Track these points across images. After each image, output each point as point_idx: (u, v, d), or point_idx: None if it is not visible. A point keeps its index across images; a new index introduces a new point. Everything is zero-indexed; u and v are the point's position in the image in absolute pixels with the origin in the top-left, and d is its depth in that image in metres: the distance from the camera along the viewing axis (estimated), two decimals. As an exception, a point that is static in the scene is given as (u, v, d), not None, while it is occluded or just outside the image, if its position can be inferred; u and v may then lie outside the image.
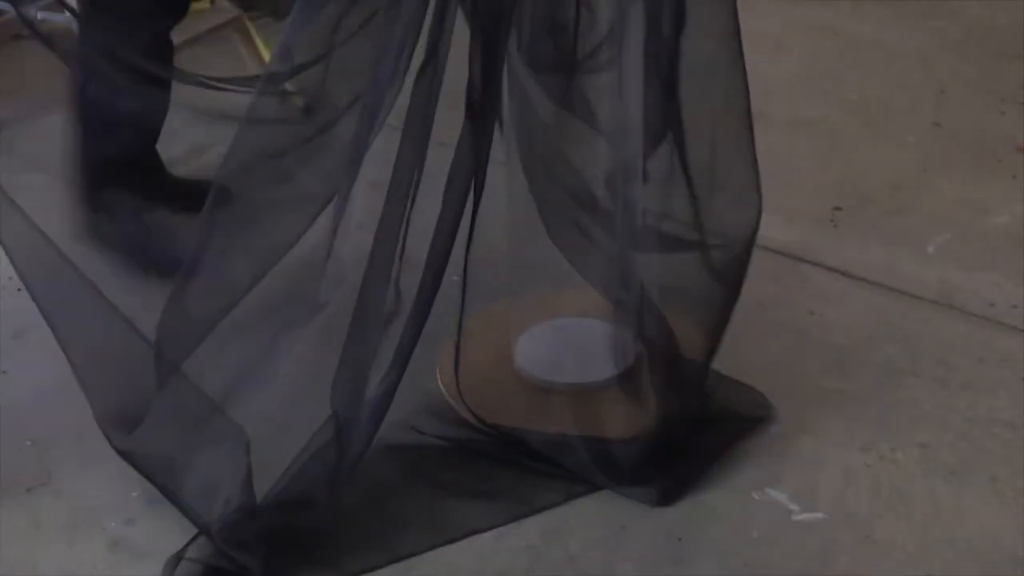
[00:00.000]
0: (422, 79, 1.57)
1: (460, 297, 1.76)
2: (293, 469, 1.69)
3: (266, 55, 2.95)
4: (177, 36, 2.75)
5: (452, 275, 1.68)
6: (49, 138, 2.83)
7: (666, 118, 1.73)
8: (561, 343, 1.97)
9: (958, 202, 2.50)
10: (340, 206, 1.62)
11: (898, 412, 1.92)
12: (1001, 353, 2.05)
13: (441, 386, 1.91)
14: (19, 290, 2.22)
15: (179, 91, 2.17)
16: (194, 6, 3.33)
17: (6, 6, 2.90)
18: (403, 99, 1.59)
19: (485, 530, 1.73)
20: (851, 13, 3.33)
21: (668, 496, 1.76)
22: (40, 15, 2.75)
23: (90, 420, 1.68)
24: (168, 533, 1.69)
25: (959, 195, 2.52)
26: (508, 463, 1.82)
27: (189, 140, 2.73)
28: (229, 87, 1.79)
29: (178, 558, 1.65)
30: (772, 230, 2.23)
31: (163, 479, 1.67)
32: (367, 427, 1.69)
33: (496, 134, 1.69)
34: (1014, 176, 2.58)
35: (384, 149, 1.62)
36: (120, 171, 2.20)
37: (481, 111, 1.61)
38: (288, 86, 1.69)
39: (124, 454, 1.68)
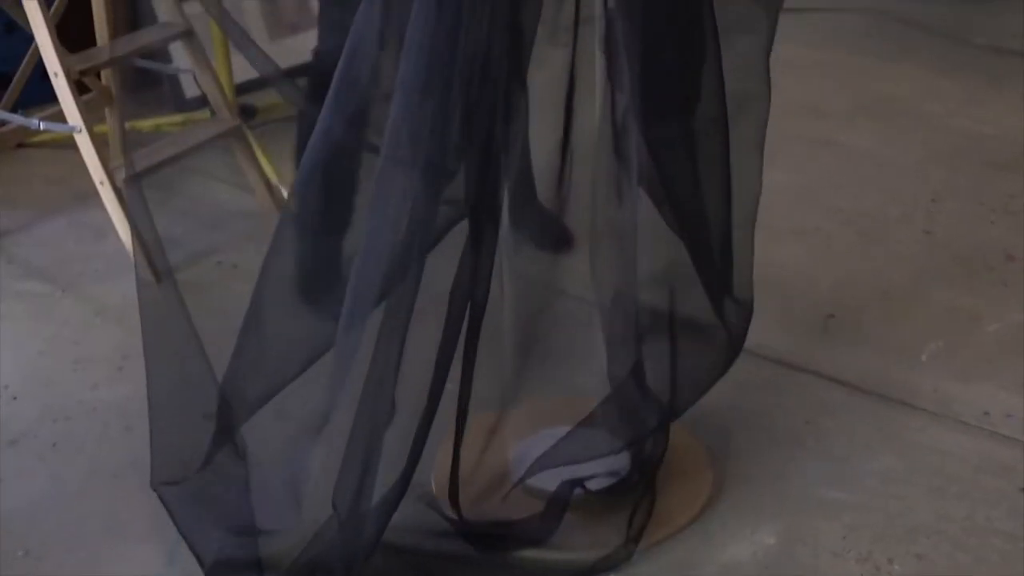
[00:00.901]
0: None
1: (457, 406, 1.77)
2: (297, 566, 1.70)
3: (265, 165, 2.99)
4: (174, 146, 2.81)
5: (449, 382, 1.69)
6: (49, 246, 2.87)
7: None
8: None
9: (950, 310, 2.51)
10: None
11: (895, 522, 1.91)
12: (997, 463, 2.05)
13: (435, 488, 1.91)
14: (15, 399, 2.25)
15: (182, 199, 2.19)
16: (192, 116, 3.40)
17: (8, 116, 2.96)
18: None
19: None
20: (845, 126, 3.39)
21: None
22: (42, 125, 2.80)
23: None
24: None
25: (951, 303, 2.54)
26: (502, 567, 1.82)
27: (188, 248, 2.77)
28: None
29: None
30: (767, 336, 2.26)
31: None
32: (370, 529, 1.70)
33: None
34: (1005, 284, 2.60)
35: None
36: None
37: (479, 232, 1.65)
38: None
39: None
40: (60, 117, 2.70)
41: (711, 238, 1.84)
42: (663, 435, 1.90)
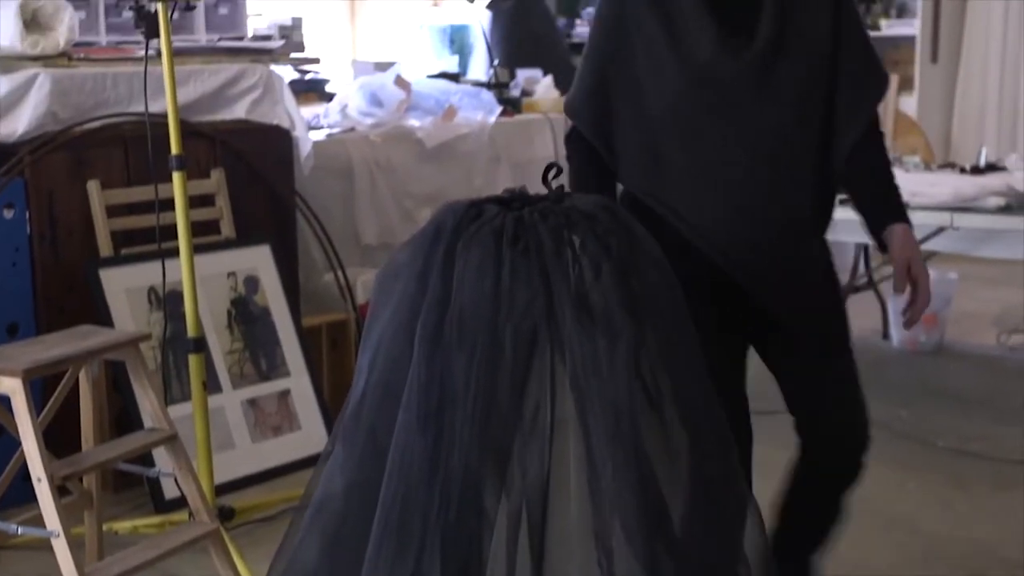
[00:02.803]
0: None
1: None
2: None
3: (242, 568, 2.99)
4: (151, 550, 2.82)
5: None
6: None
7: None
8: None
9: None
10: None
11: None
12: None
13: None
14: None
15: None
16: (171, 517, 3.43)
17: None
18: None
19: None
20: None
21: None
22: (20, 530, 2.82)
23: None
24: None
25: None
26: None
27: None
28: None
29: None
30: None
31: None
32: None
33: None
34: None
35: None
36: None
37: None
38: None
39: None
40: (39, 519, 2.73)
41: None
42: None
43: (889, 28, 7.26)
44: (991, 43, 7.15)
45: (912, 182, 4.49)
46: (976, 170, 4.69)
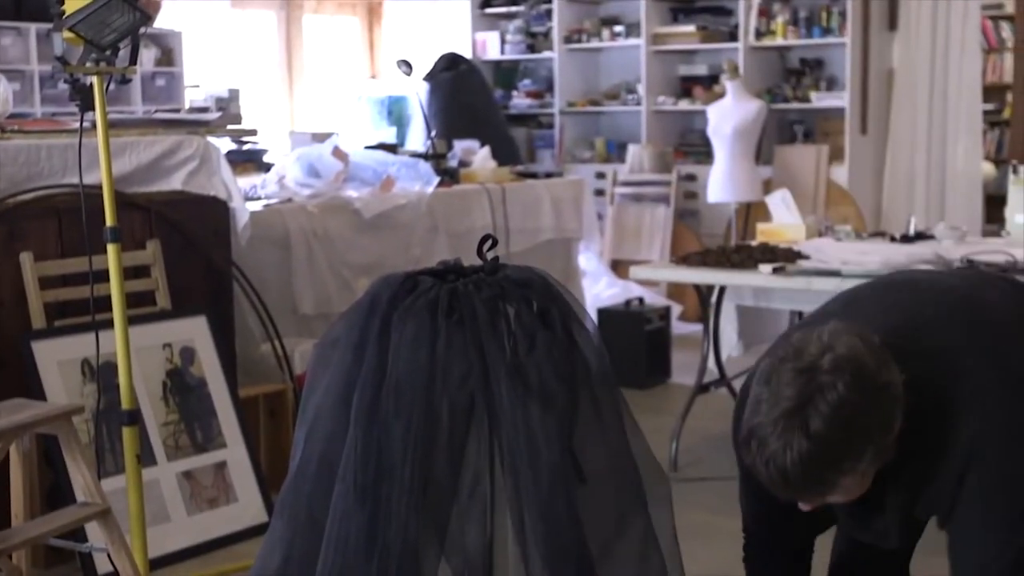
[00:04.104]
0: None
1: None
2: None
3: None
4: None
5: None
6: None
7: None
8: None
9: None
10: None
11: None
12: None
13: None
14: None
15: None
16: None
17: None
18: None
19: None
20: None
21: None
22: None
23: None
24: None
25: None
26: None
27: None
28: None
29: None
30: None
31: None
32: None
33: None
34: None
35: None
36: None
37: None
38: None
39: None
40: None
41: None
42: None
43: (819, 100, 7.42)
44: (918, 115, 7.33)
45: (844, 251, 4.59)
46: (906, 238, 4.80)
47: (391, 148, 6.01)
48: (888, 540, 2.23)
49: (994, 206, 7.06)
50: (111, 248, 3.15)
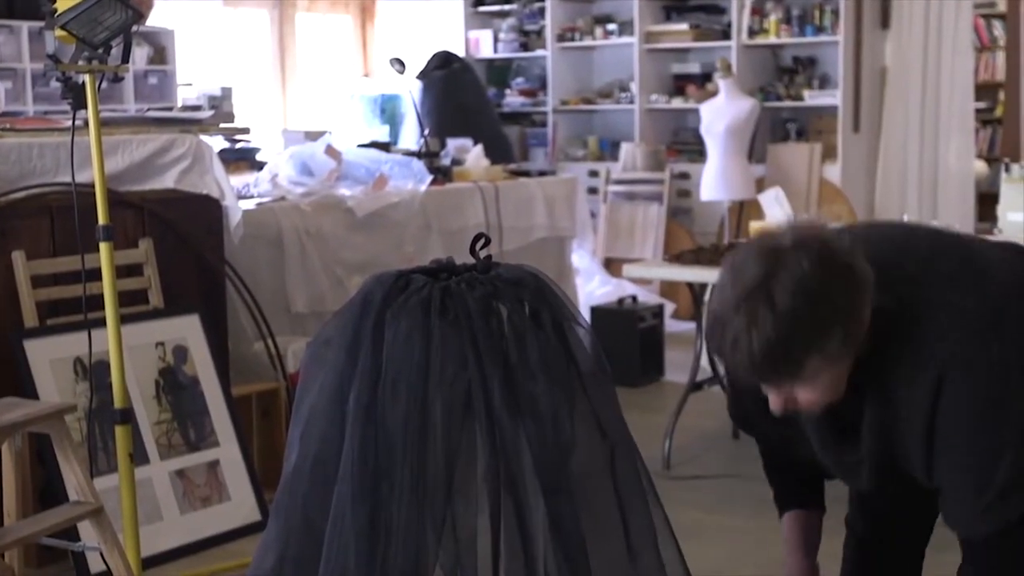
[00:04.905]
0: None
1: None
2: None
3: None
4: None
5: None
6: None
7: None
8: None
9: None
10: None
11: None
12: None
13: None
14: None
15: None
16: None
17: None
18: None
19: None
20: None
21: None
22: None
23: None
24: None
25: None
26: None
27: None
28: None
29: None
30: None
31: None
32: None
33: None
34: None
35: None
36: None
37: None
38: None
39: None
40: None
41: None
42: None
43: (812, 99, 7.43)
44: (911, 113, 7.34)
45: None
46: (898, 237, 4.78)
47: (384, 146, 6.00)
48: (860, 479, 2.20)
49: (986, 204, 7.06)
50: (103, 247, 3.15)
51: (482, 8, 8.57)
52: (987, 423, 2.00)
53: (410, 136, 7.26)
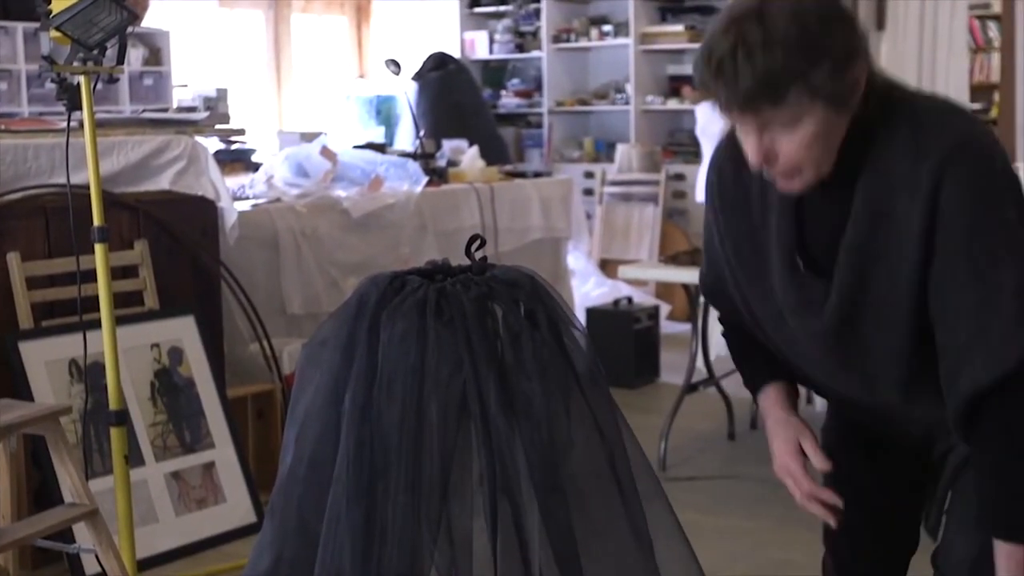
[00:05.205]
0: None
1: None
2: None
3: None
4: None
5: None
6: None
7: None
8: None
9: None
10: None
11: None
12: None
13: None
14: None
15: None
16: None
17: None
18: None
19: None
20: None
21: None
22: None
23: None
24: None
25: None
26: None
27: None
28: None
29: None
30: None
31: None
32: None
33: None
34: None
35: None
36: None
37: None
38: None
39: None
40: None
41: None
42: None
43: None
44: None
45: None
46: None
47: (379, 147, 6.00)
48: (817, 336, 2.05)
49: (981, 205, 7.07)
50: (99, 248, 3.14)
51: (477, 9, 8.58)
52: (1003, 209, 1.90)
53: (406, 137, 7.26)
